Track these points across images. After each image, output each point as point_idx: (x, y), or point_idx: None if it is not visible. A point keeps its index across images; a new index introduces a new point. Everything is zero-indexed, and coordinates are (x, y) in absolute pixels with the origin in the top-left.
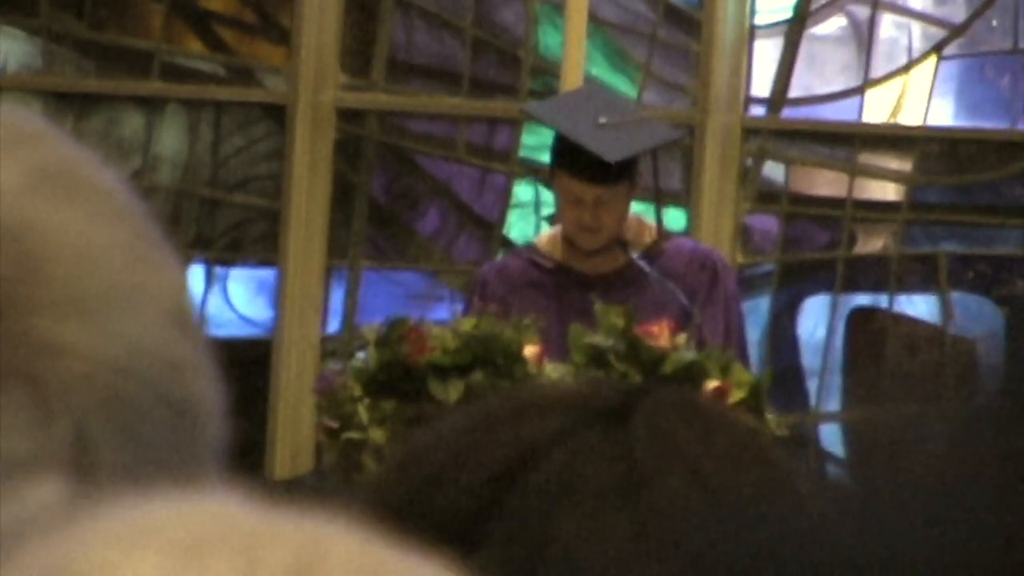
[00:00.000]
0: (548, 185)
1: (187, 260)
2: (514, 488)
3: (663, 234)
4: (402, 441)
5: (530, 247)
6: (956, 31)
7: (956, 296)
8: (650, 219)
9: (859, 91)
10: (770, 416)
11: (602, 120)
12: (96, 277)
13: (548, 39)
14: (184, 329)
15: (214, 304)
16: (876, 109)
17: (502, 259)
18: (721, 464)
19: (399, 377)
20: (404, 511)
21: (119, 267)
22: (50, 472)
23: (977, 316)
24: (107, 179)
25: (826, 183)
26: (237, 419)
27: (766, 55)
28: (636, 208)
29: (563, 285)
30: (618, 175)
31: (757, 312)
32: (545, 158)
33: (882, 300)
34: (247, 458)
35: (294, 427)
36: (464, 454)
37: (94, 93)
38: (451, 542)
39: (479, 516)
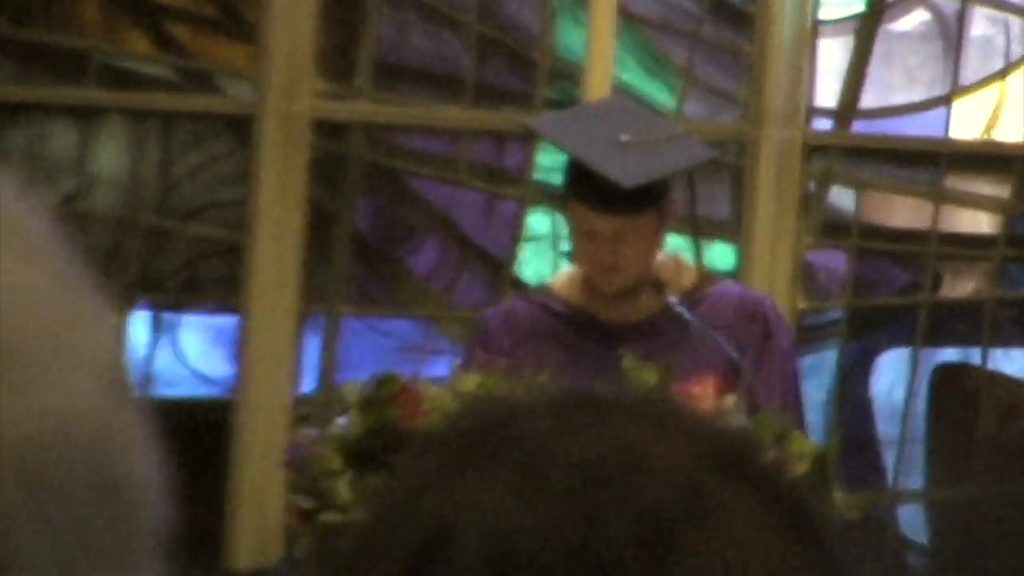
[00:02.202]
0: (564, 216)
1: (129, 305)
2: None
3: (705, 277)
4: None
5: (543, 289)
6: None
7: None
8: (689, 258)
9: (946, 101)
10: (838, 495)
11: (623, 138)
12: (12, 333)
13: (569, 38)
14: (120, 393)
15: (163, 358)
16: (966, 123)
17: (508, 304)
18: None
19: (388, 446)
20: None
21: (40, 320)
22: None
23: None
24: (26, 209)
25: (905, 212)
26: (190, 499)
27: (832, 57)
28: (672, 243)
29: (582, 335)
30: (641, 203)
31: (822, 368)
32: None
33: (974, 355)
34: (203, 546)
35: (260, 508)
36: (374, 543)
37: (17, 102)
38: None
39: None
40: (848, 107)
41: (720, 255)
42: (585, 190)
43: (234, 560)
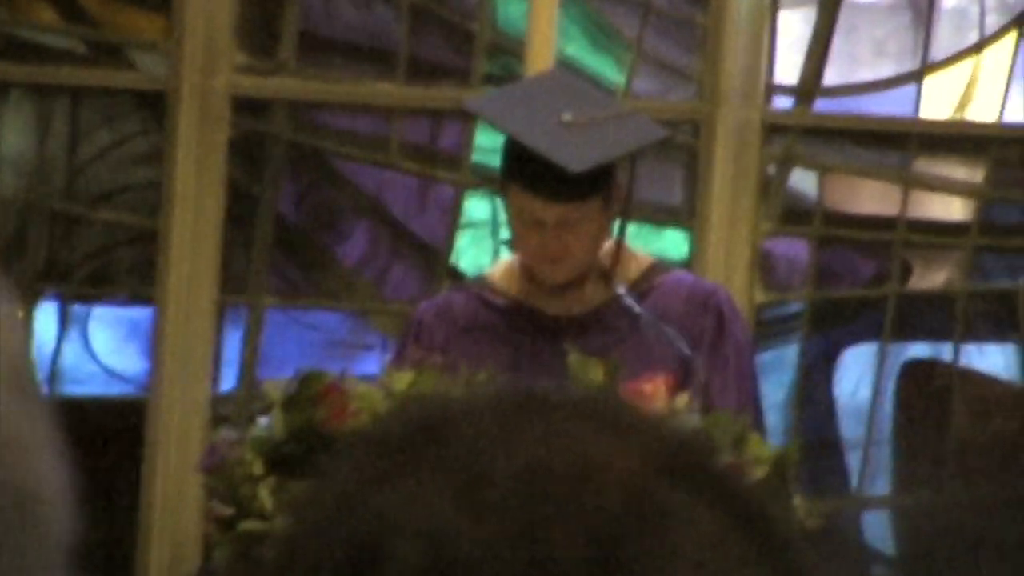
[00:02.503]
0: (503, 201)
1: (34, 297)
2: None
3: (653, 265)
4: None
5: (479, 281)
6: None
7: None
8: (635, 244)
9: (916, 77)
10: (799, 501)
11: (566, 117)
12: None
13: (509, 8)
14: (21, 395)
15: (71, 353)
16: (938, 101)
17: (442, 297)
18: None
19: (313, 449)
20: None
21: None
22: None
23: None
24: None
25: (872, 197)
26: (100, 506)
27: (793, 30)
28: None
29: (522, 330)
30: (588, 188)
31: (782, 366)
32: None
33: (945, 350)
34: (114, 556)
35: (175, 515)
36: (300, 554)
37: None
38: None
39: None
40: (810, 84)
41: (672, 243)
42: (527, 175)
43: (147, 571)
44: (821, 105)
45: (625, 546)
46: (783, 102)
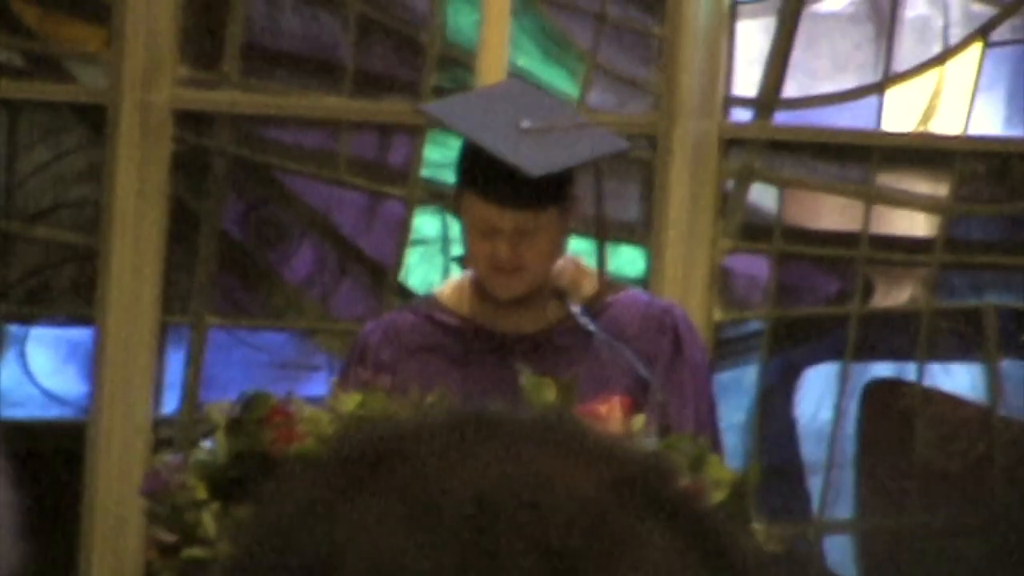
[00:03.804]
0: (456, 213)
1: None
2: None
3: (606, 284)
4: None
5: (427, 300)
6: (1008, 9)
7: (1007, 365)
8: (591, 262)
9: (878, 89)
10: (759, 526)
11: (524, 124)
12: None
13: (460, 19)
14: None
15: (8, 376)
16: (901, 114)
17: (389, 317)
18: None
19: (258, 473)
20: None
21: None
22: None
23: None
24: None
25: (834, 212)
26: (40, 532)
27: (752, 41)
28: (576, 246)
29: (473, 349)
30: (546, 197)
31: (741, 386)
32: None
33: (909, 370)
34: None
35: (116, 541)
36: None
37: None
38: None
39: None
40: (770, 96)
41: (628, 260)
42: (485, 181)
43: None
44: (781, 118)
45: (580, 571)
46: (742, 115)
